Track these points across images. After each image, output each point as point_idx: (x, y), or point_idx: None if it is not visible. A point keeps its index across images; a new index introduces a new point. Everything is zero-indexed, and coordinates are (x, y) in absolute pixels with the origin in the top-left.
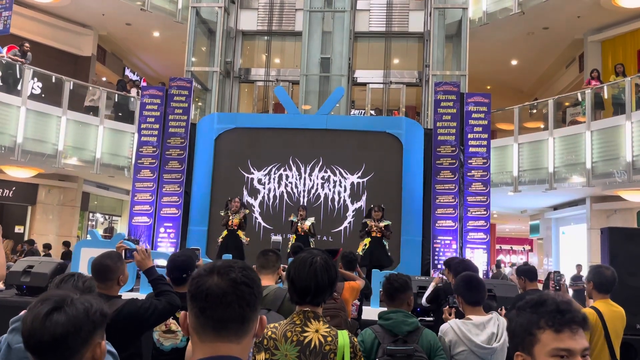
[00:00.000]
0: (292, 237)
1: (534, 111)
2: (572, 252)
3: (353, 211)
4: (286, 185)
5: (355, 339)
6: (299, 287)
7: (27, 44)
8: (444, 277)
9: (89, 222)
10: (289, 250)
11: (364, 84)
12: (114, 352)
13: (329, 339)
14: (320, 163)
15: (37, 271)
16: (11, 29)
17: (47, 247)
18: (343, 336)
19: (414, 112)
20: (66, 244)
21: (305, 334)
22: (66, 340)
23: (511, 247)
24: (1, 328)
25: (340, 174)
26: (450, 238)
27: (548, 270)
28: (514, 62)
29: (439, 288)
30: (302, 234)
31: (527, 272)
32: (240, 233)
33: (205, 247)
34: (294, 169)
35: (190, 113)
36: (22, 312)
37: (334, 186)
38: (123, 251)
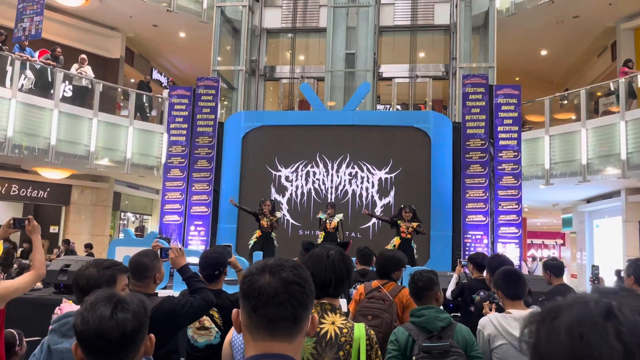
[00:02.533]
0: (321, 235)
1: (565, 102)
2: (607, 245)
3: (381, 207)
4: (313, 182)
5: (372, 332)
6: (320, 281)
7: (58, 49)
8: (467, 269)
9: (121, 222)
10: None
11: (390, 79)
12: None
13: (345, 330)
14: (348, 159)
15: (73, 270)
16: (42, 34)
17: (89, 246)
18: (359, 328)
19: (441, 106)
20: (88, 246)
21: (321, 326)
22: (135, 336)
23: (543, 242)
24: (41, 325)
25: (368, 169)
26: (481, 233)
27: (581, 265)
28: (543, 53)
29: (464, 284)
30: (331, 231)
31: (553, 267)
32: (274, 236)
33: (235, 245)
34: (321, 165)
35: (217, 112)
36: (55, 315)
37: (362, 182)
38: (159, 250)
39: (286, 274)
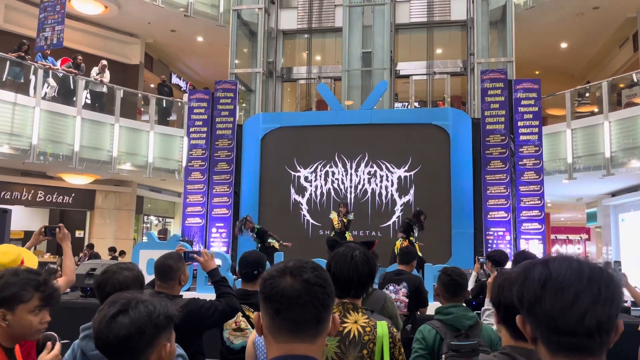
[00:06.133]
0: (331, 234)
1: (587, 95)
2: (633, 240)
3: (401, 205)
4: (333, 181)
5: (395, 330)
6: (342, 282)
7: (79, 57)
8: (485, 266)
9: (144, 225)
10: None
11: (407, 76)
12: (183, 354)
13: (368, 329)
14: (366, 158)
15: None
16: (64, 42)
17: (113, 250)
18: (382, 327)
19: (460, 102)
20: (112, 249)
21: (344, 325)
22: (129, 341)
23: (567, 237)
24: (69, 328)
25: (387, 168)
26: (504, 229)
27: (607, 260)
28: (563, 45)
29: (483, 282)
30: (340, 230)
31: None
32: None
33: (256, 246)
34: (339, 165)
35: (236, 115)
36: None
37: (381, 181)
38: (182, 253)
39: (308, 276)
